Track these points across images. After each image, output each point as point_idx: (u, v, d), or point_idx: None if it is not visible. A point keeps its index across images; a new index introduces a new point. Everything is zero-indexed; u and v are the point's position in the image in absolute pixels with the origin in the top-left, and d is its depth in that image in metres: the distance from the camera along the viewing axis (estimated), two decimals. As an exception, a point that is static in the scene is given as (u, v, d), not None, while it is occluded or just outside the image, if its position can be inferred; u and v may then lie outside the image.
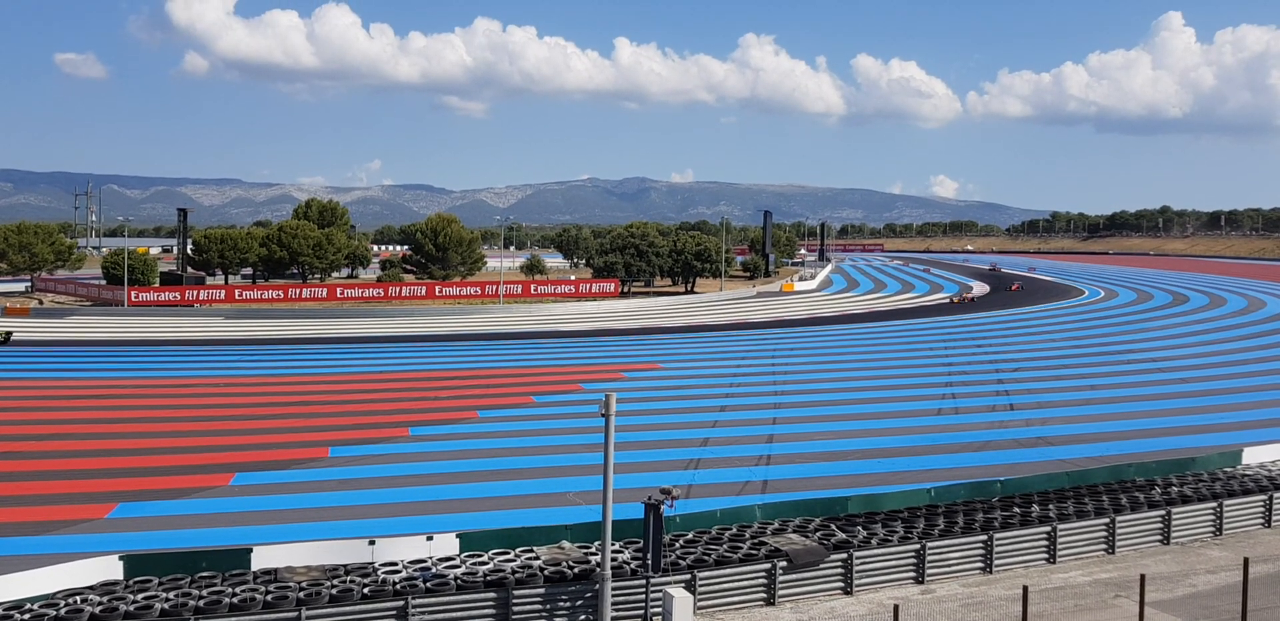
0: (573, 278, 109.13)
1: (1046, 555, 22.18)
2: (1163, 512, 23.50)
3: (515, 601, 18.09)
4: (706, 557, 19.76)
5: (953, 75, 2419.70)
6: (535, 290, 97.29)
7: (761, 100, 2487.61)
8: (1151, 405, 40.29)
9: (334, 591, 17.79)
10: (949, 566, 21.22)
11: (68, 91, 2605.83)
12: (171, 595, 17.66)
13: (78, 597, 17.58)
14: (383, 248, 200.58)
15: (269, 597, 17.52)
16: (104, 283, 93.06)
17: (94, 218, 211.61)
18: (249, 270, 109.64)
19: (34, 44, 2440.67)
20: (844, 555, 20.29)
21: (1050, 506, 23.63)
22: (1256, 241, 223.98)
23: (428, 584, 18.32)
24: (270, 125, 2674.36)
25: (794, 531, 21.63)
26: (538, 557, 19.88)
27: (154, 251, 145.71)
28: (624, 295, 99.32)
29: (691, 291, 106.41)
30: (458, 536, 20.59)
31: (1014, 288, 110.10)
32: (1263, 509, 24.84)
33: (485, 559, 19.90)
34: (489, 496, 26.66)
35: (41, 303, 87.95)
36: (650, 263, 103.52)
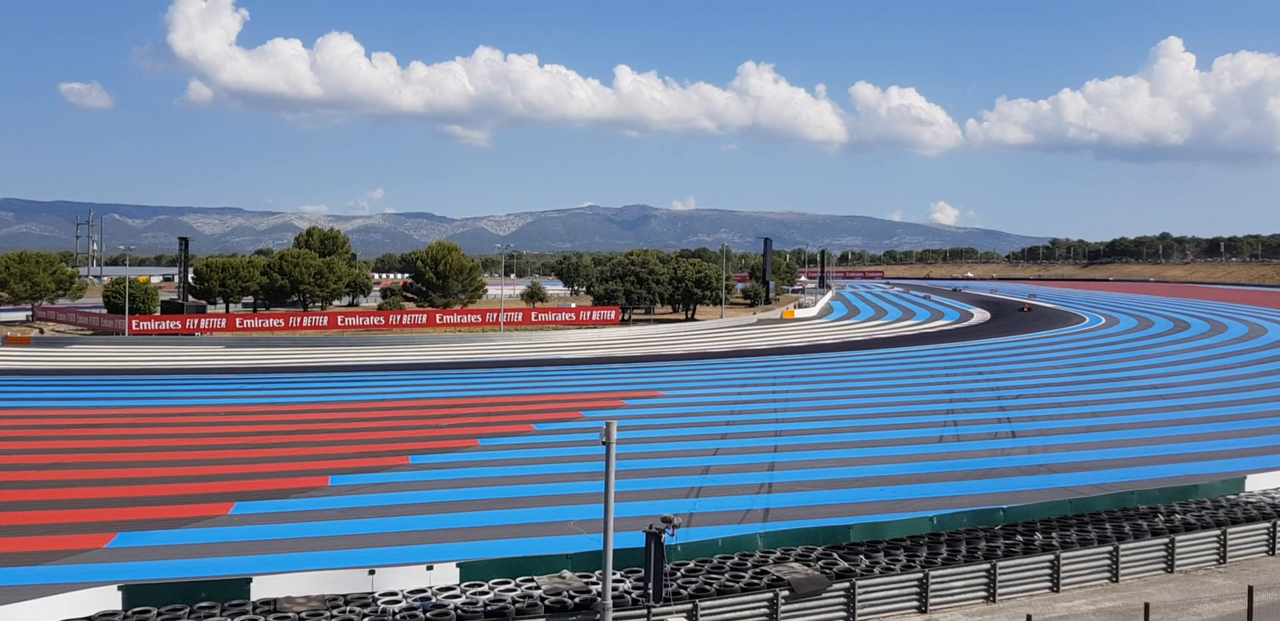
0: (573, 305, 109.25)
1: (1050, 583, 22.06)
2: (1166, 540, 23.40)
3: (516, 631, 17.97)
4: (708, 587, 19.66)
5: (952, 103, 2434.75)
6: (536, 318, 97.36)
7: (762, 128, 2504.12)
8: (1154, 432, 40.16)
9: (333, 622, 17.69)
10: (952, 595, 21.10)
11: (72, 121, 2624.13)
12: (170, 626, 17.55)
13: (75, 628, 17.47)
14: (384, 276, 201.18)
15: (268, 628, 17.42)
16: (105, 311, 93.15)
17: (95, 246, 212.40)
18: (250, 299, 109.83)
19: (39, 73, 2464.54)
20: (846, 584, 20.18)
21: (1053, 534, 23.52)
22: (1256, 268, 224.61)
23: (428, 614, 18.21)
24: (273, 154, 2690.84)
25: (796, 560, 21.53)
26: (538, 587, 19.78)
27: (155, 280, 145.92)
28: (624, 322, 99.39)
29: (692, 319, 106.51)
30: (458, 565, 20.49)
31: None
32: (1267, 536, 24.73)
33: (485, 588, 19.80)
34: (489, 525, 26.55)
35: (42, 332, 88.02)
36: (651, 290, 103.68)
